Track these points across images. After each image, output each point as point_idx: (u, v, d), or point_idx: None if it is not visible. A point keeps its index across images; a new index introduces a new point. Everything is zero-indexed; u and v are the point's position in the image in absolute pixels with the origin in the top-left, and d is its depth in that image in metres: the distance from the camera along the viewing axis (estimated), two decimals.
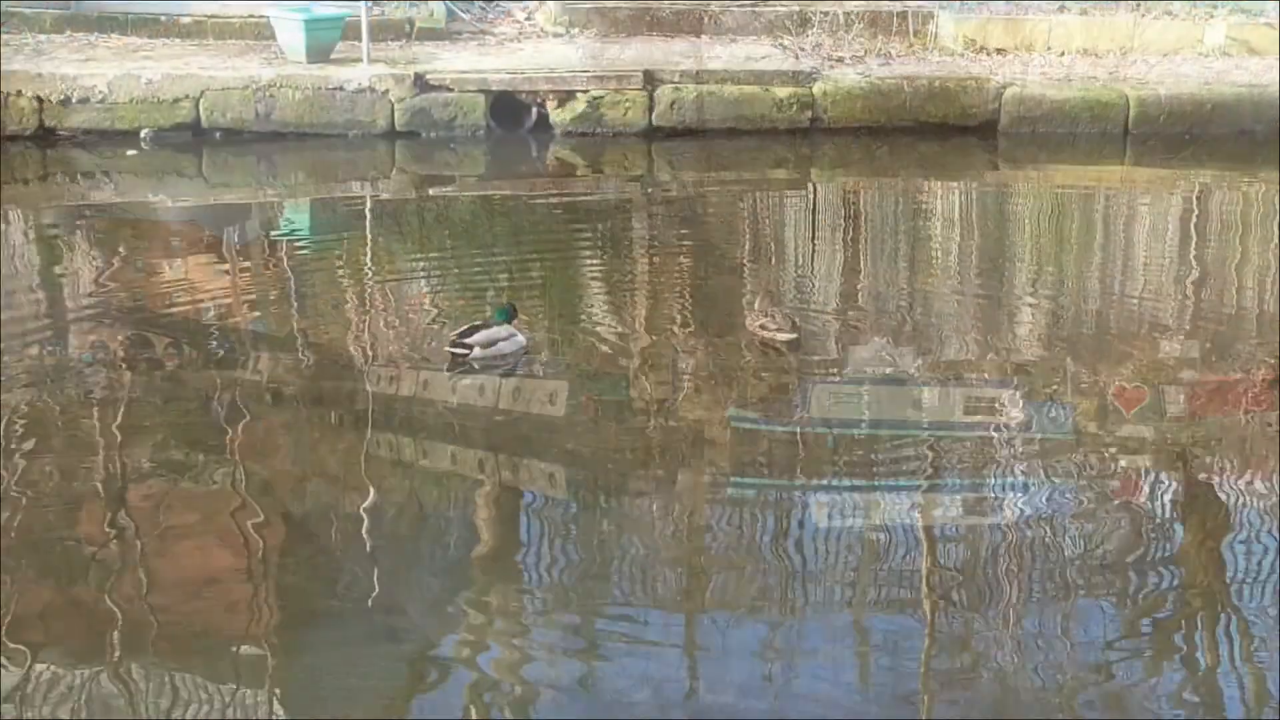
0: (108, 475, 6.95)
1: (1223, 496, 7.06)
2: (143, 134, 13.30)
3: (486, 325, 8.48)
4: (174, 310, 9.22)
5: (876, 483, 7.05)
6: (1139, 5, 16.67)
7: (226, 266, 10.27)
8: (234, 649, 5.63)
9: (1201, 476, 7.27)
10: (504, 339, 8.42)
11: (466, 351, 8.33)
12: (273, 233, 11.48)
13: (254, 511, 6.63)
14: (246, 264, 10.38)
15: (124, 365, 8.29)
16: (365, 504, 6.73)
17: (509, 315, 8.52)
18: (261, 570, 6.22)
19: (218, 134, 13.46)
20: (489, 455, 7.31)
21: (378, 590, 6.04)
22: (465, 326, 8.51)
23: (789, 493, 6.94)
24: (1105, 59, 15.75)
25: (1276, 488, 7.11)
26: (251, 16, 15.12)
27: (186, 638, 5.70)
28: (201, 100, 13.37)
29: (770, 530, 6.59)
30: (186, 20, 15.25)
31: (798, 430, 7.58)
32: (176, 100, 13.36)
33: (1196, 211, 12.64)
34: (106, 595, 5.95)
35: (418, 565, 6.33)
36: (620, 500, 6.88)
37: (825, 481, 7.04)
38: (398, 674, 5.57)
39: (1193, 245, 11.46)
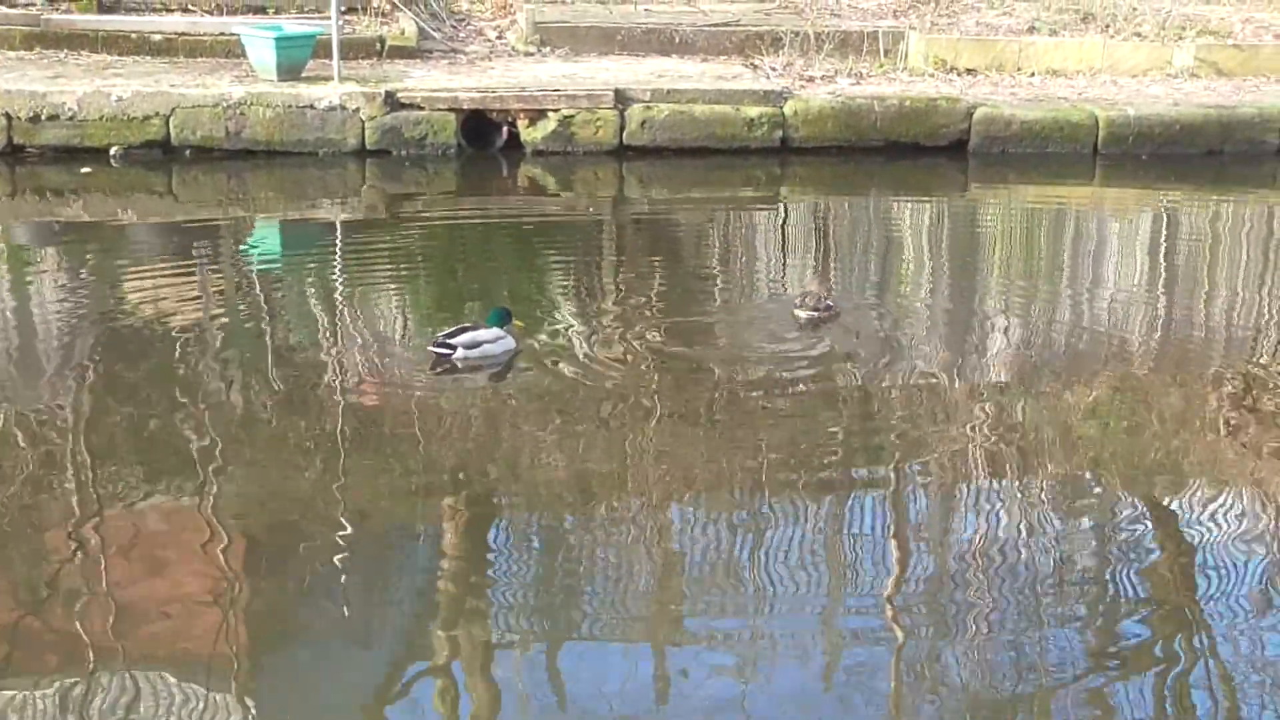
0: (76, 494, 6.91)
1: (1192, 515, 7.09)
2: (113, 151, 13.25)
3: (475, 327, 8.52)
4: (143, 328, 9.18)
5: (846, 496, 7.09)
6: (1108, 27, 16.77)
7: (196, 284, 10.23)
8: (202, 670, 5.60)
9: (1170, 494, 7.31)
10: (489, 341, 8.46)
11: (449, 352, 8.37)
12: (243, 250, 11.45)
13: (224, 531, 6.61)
14: (217, 282, 10.35)
15: (92, 383, 8.26)
16: (337, 523, 6.71)
17: (501, 319, 8.59)
18: (230, 590, 6.20)
19: (188, 152, 13.41)
20: (462, 473, 7.30)
21: (348, 613, 6.02)
22: (453, 328, 8.56)
23: (753, 506, 6.96)
24: (1075, 80, 15.85)
25: (1245, 506, 7.15)
26: (222, 34, 15.08)
27: (155, 658, 5.67)
28: (172, 118, 13.33)
29: (739, 547, 6.59)
30: (157, 38, 15.19)
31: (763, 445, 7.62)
32: (147, 118, 13.31)
33: (1165, 231, 12.71)
34: (74, 615, 5.92)
35: (389, 586, 6.32)
36: (594, 520, 6.86)
37: (791, 497, 7.07)
38: (366, 696, 5.56)
39: (1162, 264, 11.53)
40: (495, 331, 8.54)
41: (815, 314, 9.47)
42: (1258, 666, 5.75)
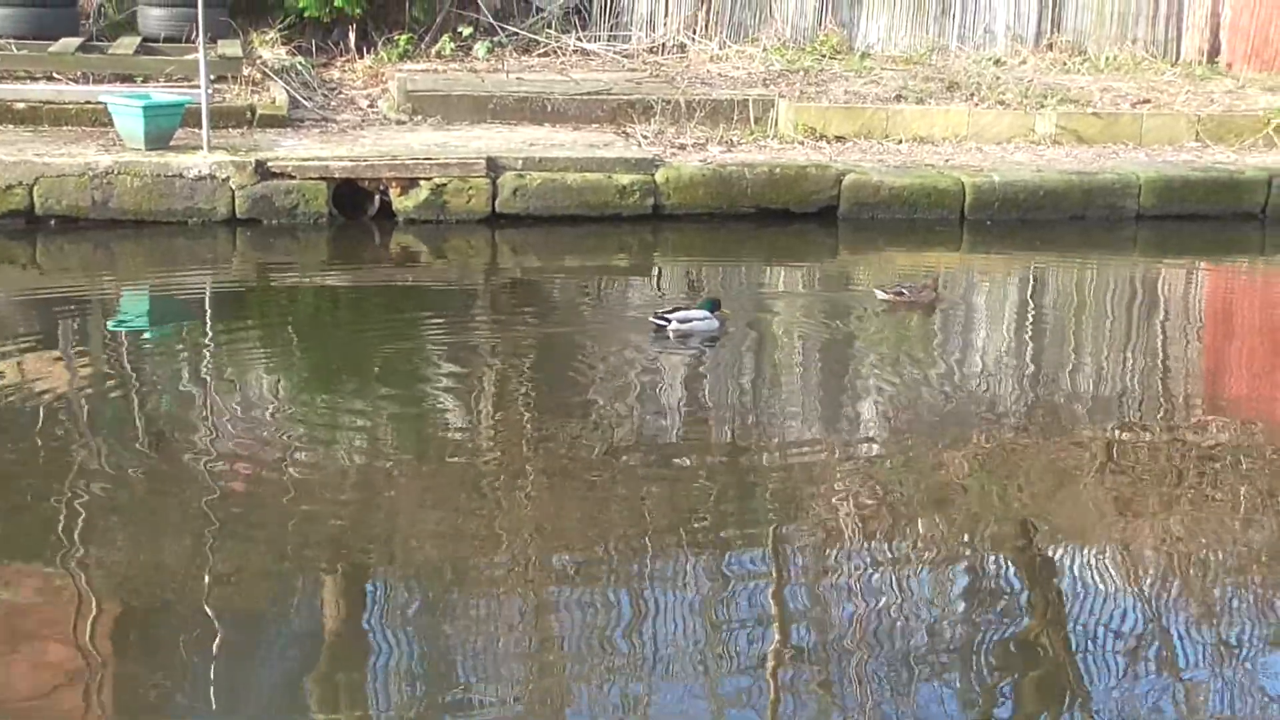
0: None
1: (1067, 568, 7.19)
2: None
3: (688, 307, 10.60)
4: (6, 402, 8.99)
5: (722, 560, 7.09)
6: (973, 95, 17.10)
7: (60, 357, 10.04)
8: None
9: (1044, 550, 7.40)
10: (699, 320, 10.43)
11: (665, 324, 10.37)
12: (110, 322, 11.26)
13: (91, 607, 6.47)
14: (82, 355, 10.16)
15: None
16: (207, 600, 6.60)
17: (712, 305, 10.57)
18: (98, 669, 6.06)
19: (53, 221, 13.20)
20: (336, 546, 7.21)
21: (219, 692, 5.91)
22: (670, 307, 10.65)
23: (632, 572, 6.94)
24: (941, 146, 16.11)
25: (1117, 566, 7.25)
26: (88, 103, 14.89)
27: None
28: (36, 187, 13.11)
29: (613, 611, 6.57)
30: (20, 106, 14.97)
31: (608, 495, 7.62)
32: (9, 187, 13.08)
33: (1032, 295, 12.93)
34: None
35: (261, 664, 6.22)
36: (471, 594, 6.79)
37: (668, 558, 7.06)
38: None
39: (1029, 327, 11.72)
40: (704, 313, 10.46)
41: (885, 296, 11.48)
42: None
